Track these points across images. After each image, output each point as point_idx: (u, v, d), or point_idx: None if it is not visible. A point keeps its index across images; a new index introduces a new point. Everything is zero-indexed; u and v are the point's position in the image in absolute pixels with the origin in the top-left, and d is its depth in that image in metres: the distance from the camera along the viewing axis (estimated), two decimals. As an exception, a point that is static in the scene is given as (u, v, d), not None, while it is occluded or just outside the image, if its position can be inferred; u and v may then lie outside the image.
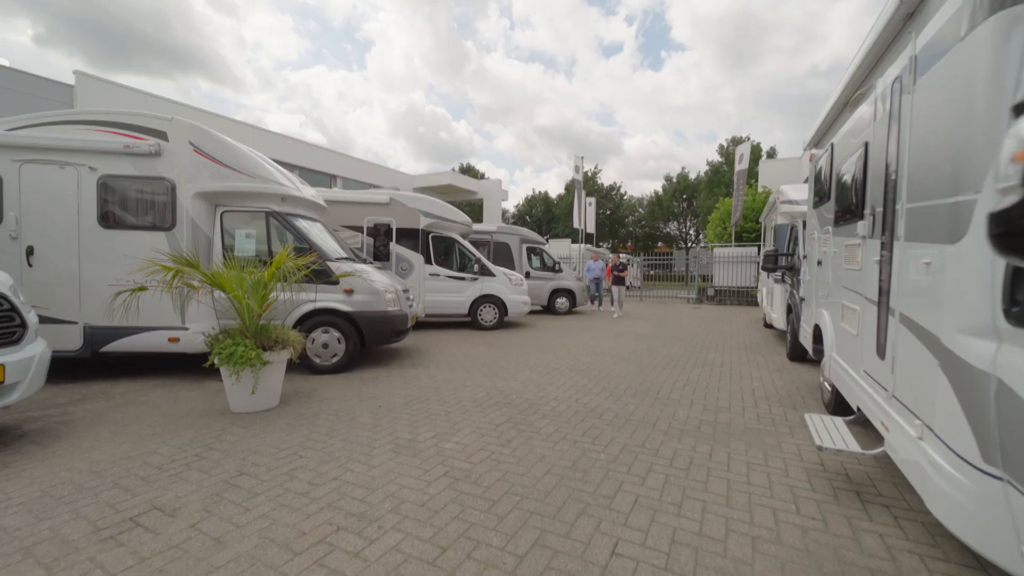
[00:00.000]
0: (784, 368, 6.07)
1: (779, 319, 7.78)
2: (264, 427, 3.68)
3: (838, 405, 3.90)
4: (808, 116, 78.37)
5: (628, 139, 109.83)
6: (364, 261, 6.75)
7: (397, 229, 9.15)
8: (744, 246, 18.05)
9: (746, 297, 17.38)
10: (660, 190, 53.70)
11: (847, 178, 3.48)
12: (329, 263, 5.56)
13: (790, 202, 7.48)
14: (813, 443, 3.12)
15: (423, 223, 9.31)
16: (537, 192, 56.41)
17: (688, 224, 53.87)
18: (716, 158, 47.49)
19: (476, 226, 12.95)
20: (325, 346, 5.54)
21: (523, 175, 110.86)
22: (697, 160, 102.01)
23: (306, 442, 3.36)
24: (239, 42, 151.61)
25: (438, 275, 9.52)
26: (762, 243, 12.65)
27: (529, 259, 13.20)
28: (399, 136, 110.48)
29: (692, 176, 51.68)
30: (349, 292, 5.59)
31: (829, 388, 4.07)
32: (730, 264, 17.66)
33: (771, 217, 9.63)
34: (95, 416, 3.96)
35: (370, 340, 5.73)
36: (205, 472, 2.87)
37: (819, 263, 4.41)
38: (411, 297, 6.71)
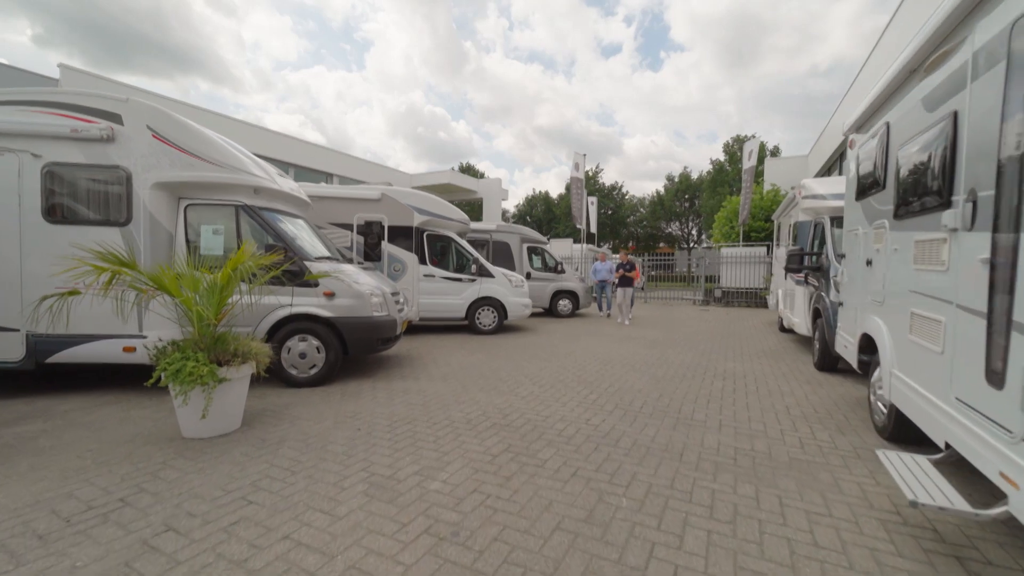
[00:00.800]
0: (814, 380, 5.46)
1: (801, 324, 7.18)
2: (216, 458, 3.08)
3: (898, 430, 3.30)
4: (809, 116, 77.90)
5: (628, 139, 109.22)
6: (351, 261, 6.17)
7: (390, 227, 8.55)
8: (752, 246, 17.45)
9: (754, 299, 16.79)
10: (662, 190, 53.16)
11: (916, 160, 2.88)
12: (307, 263, 4.96)
13: (814, 197, 6.87)
14: (896, 489, 2.52)
15: (417, 220, 8.71)
16: (537, 192, 55.86)
17: (690, 224, 53.28)
18: (718, 157, 46.93)
19: (474, 225, 12.36)
20: (302, 356, 4.94)
21: (523, 175, 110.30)
22: (697, 160, 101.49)
23: (261, 480, 2.76)
24: (238, 42, 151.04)
25: (433, 276, 8.92)
26: (774, 242, 12.05)
27: (530, 259, 12.60)
28: (398, 136, 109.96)
29: (694, 176, 51.07)
30: (329, 295, 4.99)
31: (885, 409, 3.47)
32: (738, 264, 17.05)
33: (788, 215, 9.03)
34: (22, 442, 3.36)
35: (353, 349, 5.12)
36: (124, 527, 2.26)
37: (868, 263, 3.81)
38: (401, 300, 6.12)
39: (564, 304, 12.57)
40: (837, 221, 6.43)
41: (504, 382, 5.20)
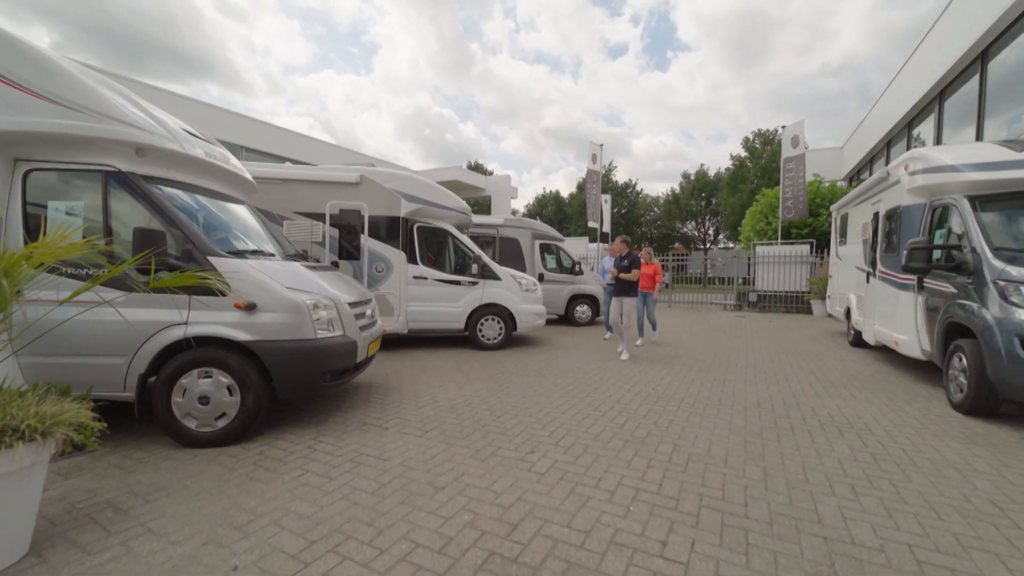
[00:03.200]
0: (979, 436, 3.62)
1: (910, 343, 5.33)
2: None
3: None
4: (818, 115, 75.37)
5: (635, 140, 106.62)
6: (305, 258, 4.49)
7: (371, 217, 6.89)
8: (792, 243, 15.49)
9: (795, 303, 14.84)
10: (675, 189, 51.14)
11: None
12: (216, 259, 3.28)
13: (938, 170, 5.02)
14: None
15: (405, 209, 7.03)
16: (548, 192, 54.15)
17: (707, 223, 51.10)
18: (731, 155, 44.65)
19: (480, 218, 10.67)
20: (204, 401, 3.24)
21: (531, 177, 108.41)
22: (705, 160, 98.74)
23: None
24: (248, 47, 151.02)
25: (425, 279, 7.22)
26: (835, 238, 10.14)
27: (543, 258, 10.86)
28: (406, 138, 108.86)
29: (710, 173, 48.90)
30: (245, 307, 3.29)
31: None
32: (776, 265, 15.12)
33: (874, 200, 7.16)
34: None
35: (285, 389, 3.42)
36: None
37: None
38: (369, 312, 4.41)
39: (582, 311, 10.81)
40: (981, 201, 4.60)
41: (511, 438, 3.45)
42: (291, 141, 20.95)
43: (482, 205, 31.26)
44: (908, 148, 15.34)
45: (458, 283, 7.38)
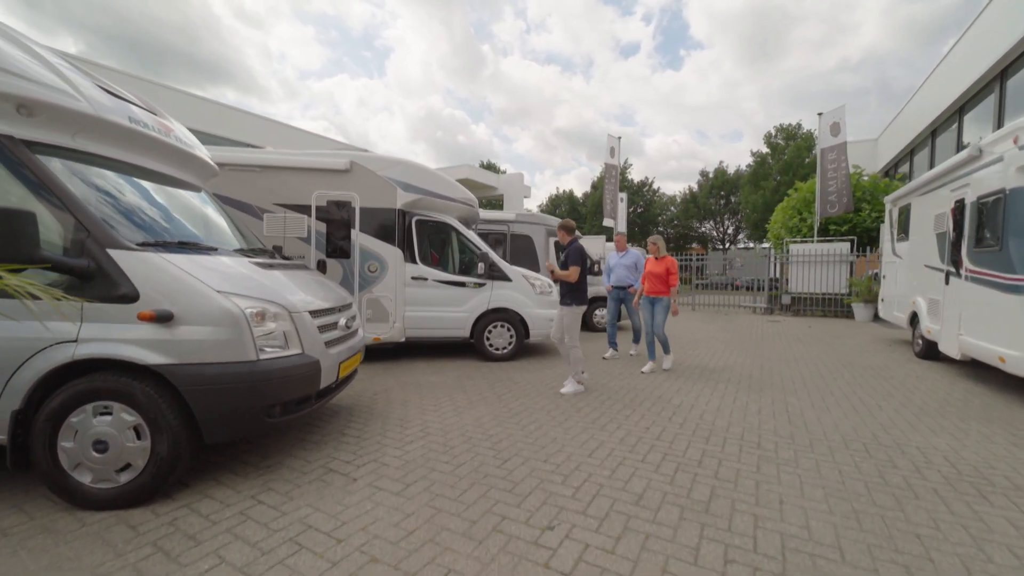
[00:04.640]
0: None
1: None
2: None
3: None
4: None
5: (648, 139, 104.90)
6: (271, 254, 3.63)
7: (363, 209, 6.02)
8: (829, 240, 14.21)
9: (833, 307, 13.56)
10: (691, 188, 49.66)
11: None
12: (116, 251, 2.41)
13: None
14: None
15: (402, 200, 6.15)
16: (561, 191, 53.13)
17: (726, 223, 49.44)
18: (754, 152, 42.96)
19: (489, 213, 9.78)
20: (100, 448, 2.36)
21: (543, 178, 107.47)
22: (719, 159, 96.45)
23: None
24: (265, 53, 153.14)
25: (425, 279, 6.32)
26: (892, 233, 8.95)
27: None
28: (419, 140, 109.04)
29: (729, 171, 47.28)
30: (154, 319, 2.40)
31: None
32: (813, 265, 13.85)
33: (943, 188, 6.02)
34: None
35: (213, 430, 2.53)
36: None
37: None
38: (346, 322, 3.51)
39: (602, 315, 9.79)
40: None
41: (520, 499, 2.50)
42: (295, 138, 20.35)
43: (495, 204, 30.43)
44: (960, 137, 13.95)
45: (463, 284, 6.46)
